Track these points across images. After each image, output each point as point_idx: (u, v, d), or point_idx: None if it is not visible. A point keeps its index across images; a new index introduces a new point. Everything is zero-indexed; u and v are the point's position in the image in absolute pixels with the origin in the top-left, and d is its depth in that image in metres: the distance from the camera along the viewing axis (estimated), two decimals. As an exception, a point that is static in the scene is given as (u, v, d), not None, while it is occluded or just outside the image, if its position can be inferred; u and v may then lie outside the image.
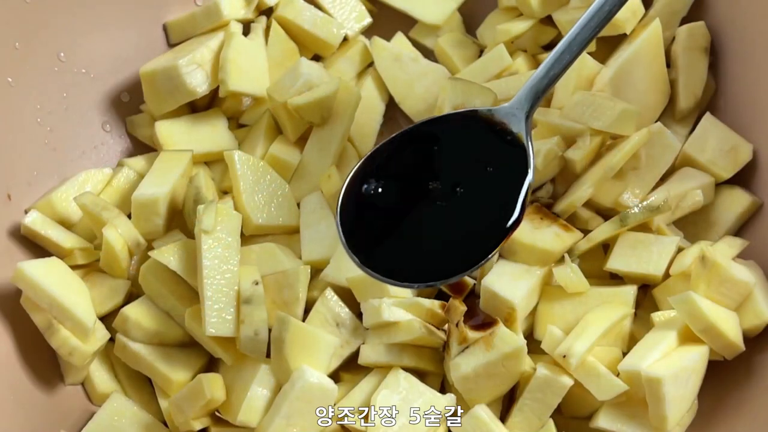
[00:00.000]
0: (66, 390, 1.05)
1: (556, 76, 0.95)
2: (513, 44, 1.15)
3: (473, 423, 0.94)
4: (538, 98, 0.95)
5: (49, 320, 0.99)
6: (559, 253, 0.99)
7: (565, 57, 0.94)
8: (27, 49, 1.06)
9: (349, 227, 0.93)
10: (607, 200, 1.03)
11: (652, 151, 1.03)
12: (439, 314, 0.99)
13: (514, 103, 0.96)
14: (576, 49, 0.94)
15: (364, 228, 0.94)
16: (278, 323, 0.97)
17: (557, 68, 0.94)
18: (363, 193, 0.95)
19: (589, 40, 0.94)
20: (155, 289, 1.03)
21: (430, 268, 0.91)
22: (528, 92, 0.96)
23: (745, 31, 1.03)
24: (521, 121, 0.95)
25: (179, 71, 1.10)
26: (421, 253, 0.93)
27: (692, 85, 1.06)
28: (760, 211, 1.03)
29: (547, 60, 0.95)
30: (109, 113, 1.16)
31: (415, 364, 0.99)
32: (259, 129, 1.14)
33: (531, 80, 0.96)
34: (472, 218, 0.93)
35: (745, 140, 1.03)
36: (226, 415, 0.99)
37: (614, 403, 0.94)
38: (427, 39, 1.21)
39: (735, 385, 0.95)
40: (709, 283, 0.94)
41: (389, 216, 0.95)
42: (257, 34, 1.16)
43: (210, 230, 1.00)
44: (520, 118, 0.95)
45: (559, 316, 0.99)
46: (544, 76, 0.95)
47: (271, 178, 1.09)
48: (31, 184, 1.08)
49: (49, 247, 1.07)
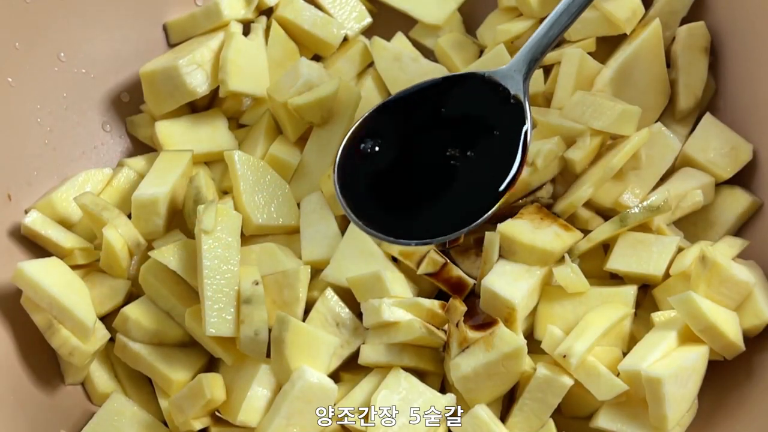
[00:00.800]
0: (66, 390, 1.05)
1: (554, 39, 0.96)
2: (513, 44, 1.15)
3: (473, 423, 0.94)
4: (536, 60, 0.97)
5: (50, 320, 0.99)
6: (559, 253, 0.99)
7: (563, 19, 0.96)
8: (27, 49, 1.07)
9: (347, 184, 0.93)
10: (607, 200, 1.03)
11: (652, 151, 1.03)
12: (439, 314, 0.99)
13: (512, 65, 0.98)
14: (574, 10, 0.95)
15: (362, 186, 0.94)
16: (278, 323, 0.97)
17: (555, 30, 0.96)
18: (360, 150, 0.95)
19: (588, 2, 0.95)
20: (155, 289, 1.03)
21: (430, 226, 0.92)
22: (526, 55, 0.97)
23: (745, 31, 1.03)
24: (519, 82, 0.96)
25: (179, 71, 1.10)
26: (421, 212, 0.93)
27: (692, 85, 1.06)
28: (760, 211, 1.03)
29: (546, 22, 0.96)
30: (109, 113, 1.16)
31: (415, 364, 0.99)
32: (259, 129, 1.14)
33: (529, 43, 0.97)
34: (472, 176, 0.94)
35: (745, 140, 1.04)
36: (226, 415, 0.99)
37: (614, 403, 0.94)
38: (427, 39, 1.21)
39: (735, 385, 0.95)
40: (709, 283, 0.94)
41: (387, 175, 0.95)
42: (257, 34, 1.16)
43: (210, 230, 1.00)
44: (518, 80, 0.96)
45: (559, 316, 0.99)
46: (543, 38, 0.96)
47: (271, 178, 1.09)
48: (31, 184, 1.08)
49: (49, 247, 1.07)
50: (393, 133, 0.97)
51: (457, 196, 0.94)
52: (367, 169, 0.95)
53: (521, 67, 0.97)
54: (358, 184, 0.95)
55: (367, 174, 0.95)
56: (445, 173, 0.94)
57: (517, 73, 0.97)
